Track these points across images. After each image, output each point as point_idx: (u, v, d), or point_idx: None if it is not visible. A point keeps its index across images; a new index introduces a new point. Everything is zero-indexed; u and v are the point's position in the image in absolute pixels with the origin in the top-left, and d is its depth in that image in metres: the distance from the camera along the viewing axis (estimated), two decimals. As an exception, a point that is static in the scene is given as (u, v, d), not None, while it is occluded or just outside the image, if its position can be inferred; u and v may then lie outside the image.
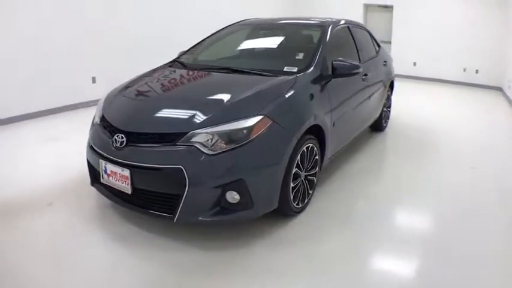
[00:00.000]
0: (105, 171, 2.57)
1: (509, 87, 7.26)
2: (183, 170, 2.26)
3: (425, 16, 8.98)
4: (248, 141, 2.33)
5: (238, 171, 2.30)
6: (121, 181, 2.47)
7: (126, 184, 2.45)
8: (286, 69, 3.01)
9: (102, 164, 2.57)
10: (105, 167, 2.56)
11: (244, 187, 2.31)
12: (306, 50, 3.25)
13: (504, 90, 7.90)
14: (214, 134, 2.33)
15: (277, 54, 3.56)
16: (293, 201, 2.70)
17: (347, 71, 3.11)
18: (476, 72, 8.52)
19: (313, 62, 3.06)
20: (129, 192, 2.45)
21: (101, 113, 2.84)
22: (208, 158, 2.29)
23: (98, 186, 2.76)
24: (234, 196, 2.33)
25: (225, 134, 2.33)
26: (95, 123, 2.87)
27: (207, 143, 2.31)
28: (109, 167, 2.53)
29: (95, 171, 2.75)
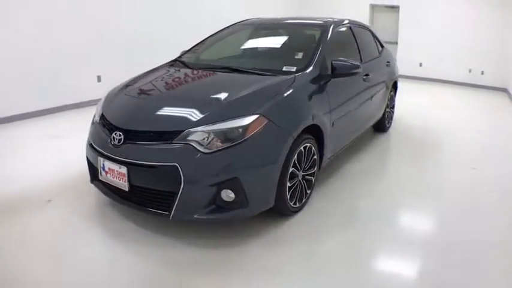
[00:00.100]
0: (103, 169, 2.60)
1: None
2: (179, 167, 2.27)
3: (432, 17, 8.91)
4: (243, 140, 2.34)
5: (233, 170, 2.31)
6: (118, 178, 2.50)
7: (123, 181, 2.47)
8: (285, 68, 3.01)
9: (101, 162, 2.60)
10: (103, 165, 2.59)
11: (239, 185, 2.31)
12: (306, 50, 3.24)
13: (509, 91, 7.81)
14: (210, 132, 2.34)
15: (277, 54, 3.56)
16: (290, 201, 2.70)
17: (346, 71, 3.09)
18: (482, 73, 8.43)
19: (312, 61, 3.06)
20: (126, 189, 2.48)
21: (100, 111, 2.87)
22: (204, 156, 2.30)
23: (96, 183, 2.79)
24: (229, 194, 2.34)
25: (221, 133, 2.34)
26: (94, 122, 2.90)
27: (203, 141, 2.33)
28: (107, 165, 2.55)
29: (94, 169, 2.77)
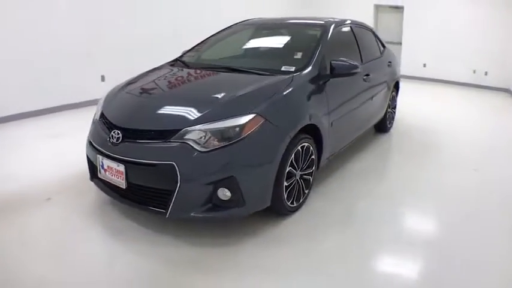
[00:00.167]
0: (102, 167, 2.63)
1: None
2: (175, 166, 2.29)
3: (436, 17, 8.87)
4: (240, 139, 2.35)
5: (230, 169, 2.32)
6: (116, 176, 2.52)
7: (121, 179, 2.49)
8: (284, 68, 3.02)
9: (100, 159, 2.63)
10: (102, 162, 2.62)
11: (235, 184, 2.33)
12: (305, 50, 3.24)
13: (512, 91, 7.77)
14: (207, 131, 2.36)
15: (277, 54, 3.57)
16: (287, 200, 2.70)
17: (345, 71, 3.09)
18: (486, 74, 8.37)
19: (311, 61, 3.06)
20: (124, 187, 2.50)
21: (100, 110, 2.90)
22: (201, 154, 2.32)
23: (96, 181, 2.83)
24: (225, 193, 2.35)
25: (218, 132, 2.36)
26: (94, 120, 2.93)
27: (200, 140, 2.34)
28: (106, 162, 2.58)
29: (93, 167, 2.80)
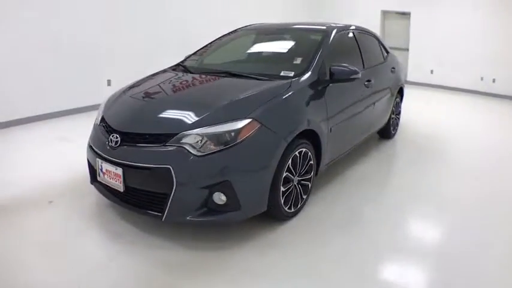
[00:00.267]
0: (101, 170, 2.66)
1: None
2: (171, 170, 2.31)
3: (443, 24, 8.80)
4: (235, 143, 2.36)
5: (224, 173, 2.34)
6: (114, 179, 2.55)
7: (119, 182, 2.52)
8: (283, 73, 3.03)
9: (99, 163, 2.66)
10: (101, 166, 2.65)
11: (230, 189, 2.34)
12: (305, 55, 3.25)
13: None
14: (204, 135, 2.37)
15: (277, 59, 3.59)
16: (284, 205, 2.70)
17: (345, 77, 3.09)
18: (493, 81, 8.26)
19: (310, 66, 3.07)
20: (122, 190, 2.53)
21: (101, 114, 2.94)
22: (197, 159, 2.33)
23: (96, 184, 2.85)
24: (221, 197, 2.37)
25: (214, 136, 2.37)
26: (95, 124, 2.97)
27: (196, 144, 2.36)
28: (104, 166, 2.61)
29: (94, 170, 2.83)
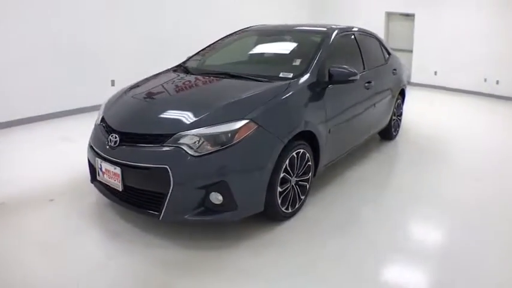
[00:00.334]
0: (101, 169, 2.70)
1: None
2: (168, 169, 2.34)
3: (447, 25, 8.76)
4: (232, 144, 2.38)
5: (221, 173, 2.36)
6: (113, 179, 2.59)
7: (118, 182, 2.56)
8: (281, 75, 3.05)
9: (98, 162, 2.70)
10: (100, 165, 2.69)
11: (226, 189, 2.36)
12: (304, 56, 3.26)
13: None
14: (201, 136, 2.40)
15: (277, 60, 3.62)
16: (281, 206, 2.72)
17: (344, 78, 3.10)
18: (497, 82, 8.20)
19: (309, 68, 3.08)
20: (120, 189, 2.56)
21: (101, 114, 2.98)
22: (194, 159, 2.36)
23: (96, 183, 2.89)
24: (217, 197, 2.39)
25: (211, 137, 2.40)
26: (96, 124, 3.01)
27: (194, 144, 2.39)
28: (104, 165, 2.65)
29: (94, 169, 2.87)
